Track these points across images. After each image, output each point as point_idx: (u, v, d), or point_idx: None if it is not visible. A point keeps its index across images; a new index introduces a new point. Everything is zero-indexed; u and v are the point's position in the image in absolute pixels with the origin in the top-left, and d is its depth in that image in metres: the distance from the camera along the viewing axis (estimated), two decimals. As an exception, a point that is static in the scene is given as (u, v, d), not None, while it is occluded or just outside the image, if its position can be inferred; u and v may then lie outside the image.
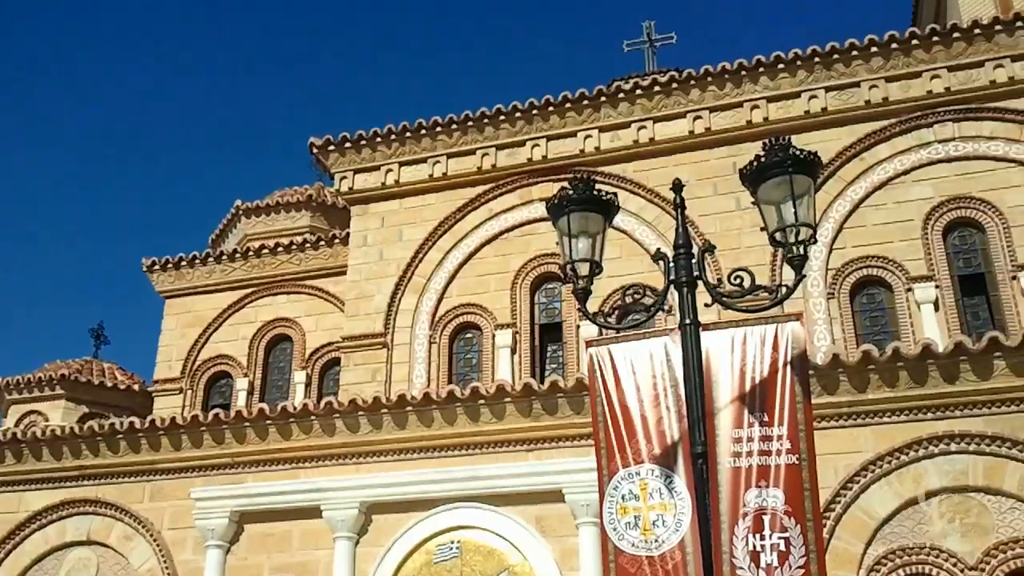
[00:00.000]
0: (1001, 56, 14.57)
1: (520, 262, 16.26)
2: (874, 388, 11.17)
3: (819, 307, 14.45)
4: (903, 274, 14.28)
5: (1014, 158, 14.28)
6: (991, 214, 14.18)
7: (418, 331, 16.32)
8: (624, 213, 15.68)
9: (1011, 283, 13.84)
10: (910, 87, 14.91)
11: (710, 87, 15.70)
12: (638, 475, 7.16)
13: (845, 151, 15.00)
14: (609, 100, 16.18)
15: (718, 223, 15.04)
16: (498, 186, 16.75)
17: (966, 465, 10.81)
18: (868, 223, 14.65)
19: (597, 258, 7.31)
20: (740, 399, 6.95)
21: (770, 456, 6.74)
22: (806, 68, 15.27)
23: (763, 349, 6.92)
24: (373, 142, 17.21)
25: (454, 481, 12.30)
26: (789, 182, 6.45)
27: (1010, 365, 10.74)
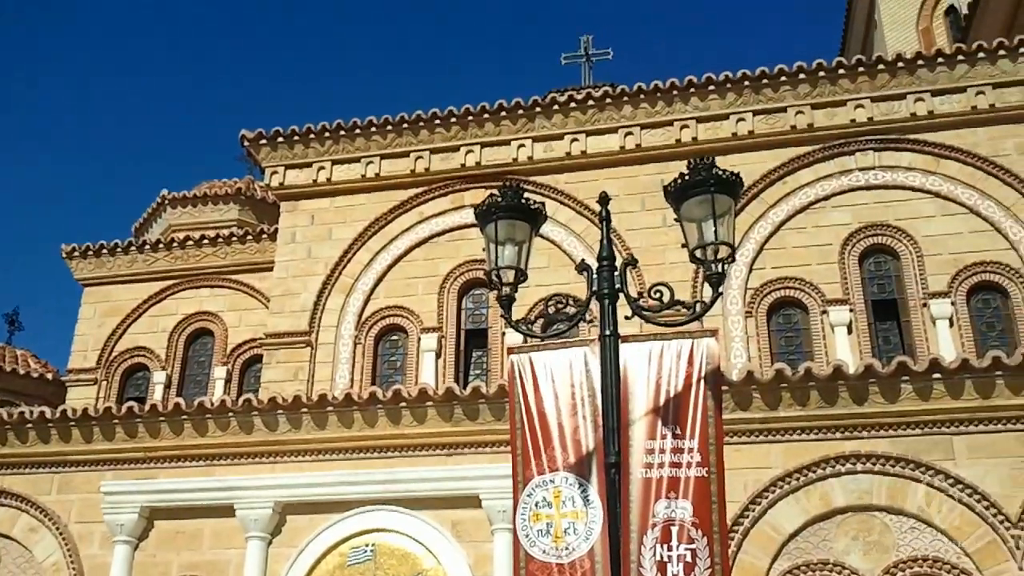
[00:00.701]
0: (922, 90, 15.03)
1: (449, 267, 16.25)
2: (786, 406, 11.41)
3: (737, 325, 14.72)
4: (819, 296, 14.63)
5: (929, 189, 14.75)
6: (906, 242, 14.62)
7: (343, 331, 16.18)
8: (554, 224, 15.83)
9: (922, 310, 14.28)
10: (835, 115, 15.30)
11: (642, 104, 15.91)
12: (552, 483, 7.20)
13: (769, 174, 15.32)
14: (544, 111, 16.29)
15: (644, 238, 15.24)
16: (430, 190, 16.72)
17: (871, 485, 11.09)
18: (788, 245, 14.98)
19: (523, 266, 7.35)
20: (654, 411, 7.04)
21: (681, 468, 6.84)
22: (735, 91, 15.57)
23: (679, 363, 7.03)
24: (306, 139, 17.04)
25: (372, 483, 12.21)
26: (711, 201, 6.58)
27: (916, 389, 11.07)
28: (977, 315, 14.24)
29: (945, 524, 10.80)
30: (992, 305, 14.30)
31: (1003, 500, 10.69)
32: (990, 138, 14.70)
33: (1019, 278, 14.01)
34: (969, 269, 14.24)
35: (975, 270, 14.23)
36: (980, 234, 14.34)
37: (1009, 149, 14.58)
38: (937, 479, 10.91)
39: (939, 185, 14.71)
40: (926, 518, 10.87)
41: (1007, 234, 14.23)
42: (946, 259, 14.31)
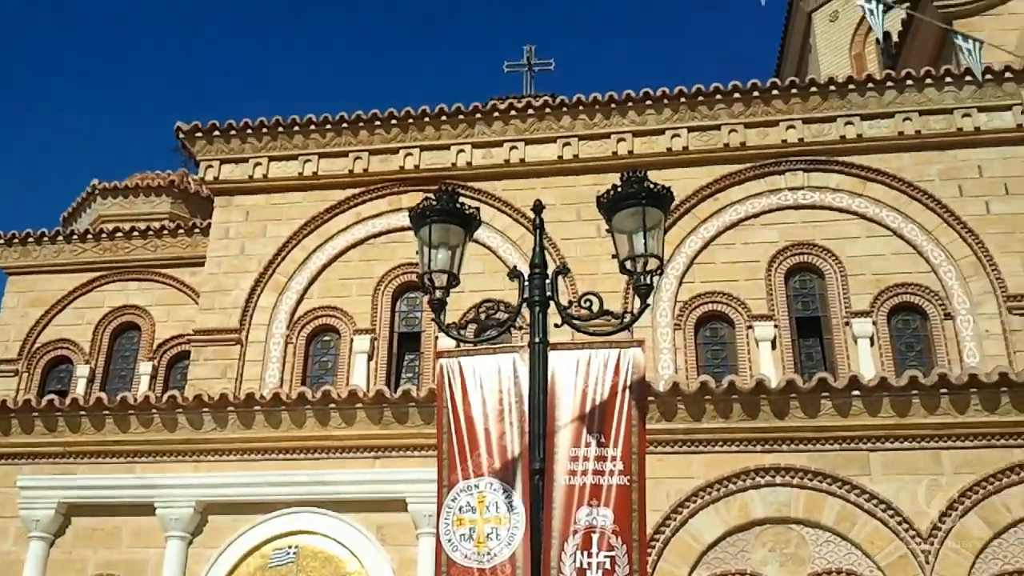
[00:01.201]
0: (852, 113, 15.38)
1: (384, 269, 16.16)
2: (709, 418, 11.59)
3: (666, 337, 14.90)
4: (745, 312, 14.88)
5: (856, 211, 15.10)
6: (831, 262, 14.94)
7: (275, 330, 15.98)
8: (490, 230, 15.85)
9: (844, 328, 14.60)
10: (767, 134, 15.59)
11: (580, 116, 16.03)
12: (477, 488, 7.20)
13: (702, 190, 15.53)
14: (484, 117, 16.31)
15: (578, 248, 15.35)
16: (369, 191, 16.61)
17: (789, 497, 11.32)
18: (717, 260, 15.21)
19: (455, 271, 7.34)
20: (580, 419, 7.09)
21: (603, 476, 6.89)
22: (671, 107, 15.78)
23: (605, 372, 7.09)
24: (243, 133, 16.81)
25: (297, 485, 12.09)
26: (642, 214, 6.66)
27: (835, 405, 11.33)
28: (897, 335, 14.61)
29: (859, 538, 11.06)
30: (912, 326, 14.68)
31: (915, 516, 10.99)
32: (915, 163, 15.11)
33: (938, 300, 14.41)
34: (891, 290, 14.60)
35: (896, 291, 14.60)
36: (902, 256, 14.72)
37: (933, 175, 15.00)
38: (853, 494, 11.17)
39: (865, 207, 15.08)
40: (841, 532, 11.12)
41: (928, 257, 14.63)
42: (869, 279, 14.67)
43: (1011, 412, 11.02)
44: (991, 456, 11.06)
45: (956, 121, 15.10)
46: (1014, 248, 14.34)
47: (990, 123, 15.05)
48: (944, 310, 14.34)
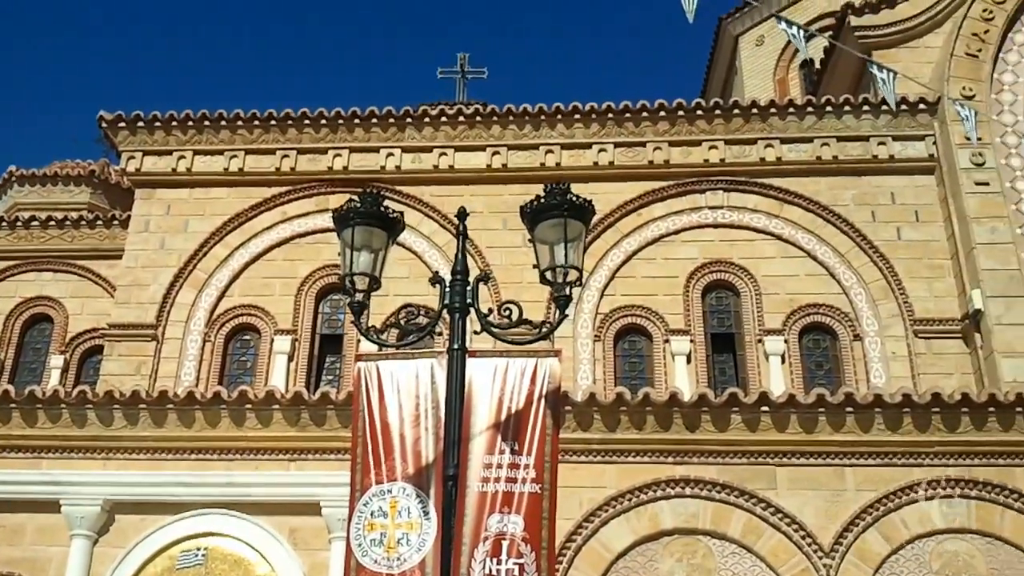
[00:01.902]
0: (772, 136, 15.72)
1: (309, 269, 15.96)
2: (624, 429, 11.69)
3: (586, 347, 15.01)
4: (663, 326, 15.08)
5: (772, 231, 15.43)
6: (746, 280, 15.24)
7: (192, 327, 15.65)
8: (417, 235, 15.79)
9: (757, 346, 14.89)
10: (690, 153, 15.83)
11: (510, 126, 16.08)
12: (390, 492, 7.17)
13: (626, 204, 15.70)
14: (415, 122, 16.25)
15: (504, 256, 15.40)
16: (295, 190, 16.39)
17: (697, 509, 11.46)
18: (638, 275, 15.39)
19: (377, 274, 7.30)
20: (495, 426, 7.11)
21: (516, 484, 6.92)
22: (599, 122, 15.93)
23: (522, 381, 7.13)
24: (168, 126, 16.44)
25: (209, 486, 11.83)
26: (563, 225, 6.72)
27: (745, 420, 11.54)
28: (807, 354, 14.96)
29: (764, 551, 11.26)
30: (822, 345, 15.05)
31: (818, 531, 11.23)
32: (831, 188, 15.50)
33: (848, 321, 14.80)
34: (803, 310, 14.95)
35: (808, 311, 14.95)
36: (815, 277, 15.08)
37: (847, 200, 15.41)
38: (759, 507, 11.37)
39: (781, 228, 15.42)
40: (747, 544, 11.30)
41: (840, 279, 15.02)
42: (783, 299, 14.99)
43: (912, 432, 11.35)
44: (892, 474, 11.37)
45: (872, 148, 15.55)
46: (922, 274, 14.81)
47: (904, 152, 15.53)
48: (853, 331, 14.73)
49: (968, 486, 11.26)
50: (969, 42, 15.73)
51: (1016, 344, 13.61)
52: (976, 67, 15.57)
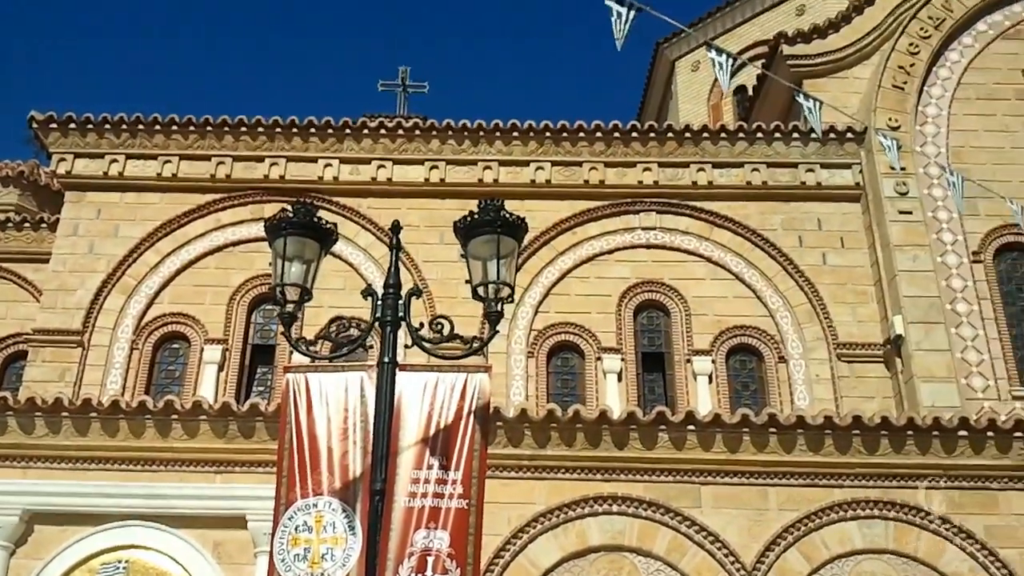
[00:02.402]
0: (704, 161, 15.95)
1: (242, 278, 15.70)
2: (554, 445, 11.70)
3: (519, 363, 15.01)
4: (595, 344, 15.15)
5: (702, 253, 15.63)
6: (677, 301, 15.41)
7: (120, 334, 15.26)
8: (353, 247, 15.66)
9: (686, 365, 15.05)
10: (625, 175, 15.98)
11: (449, 141, 16.07)
12: (315, 507, 7.06)
13: (561, 223, 15.78)
14: (353, 134, 16.13)
15: (440, 270, 15.33)
16: (230, 198, 16.13)
17: (624, 526, 11.50)
18: (572, 292, 15.45)
19: (309, 285, 7.20)
20: (424, 441, 7.05)
21: (443, 499, 6.87)
22: (537, 141, 16.00)
23: (452, 396, 7.09)
24: (101, 128, 16.06)
25: (132, 497, 11.53)
26: (496, 242, 6.71)
27: (672, 438, 11.63)
28: (734, 374, 15.15)
29: (688, 568, 11.33)
30: (748, 366, 15.26)
31: (741, 549, 11.34)
32: (760, 212, 15.77)
33: (774, 344, 15.04)
34: (731, 331, 15.15)
35: (736, 333, 15.16)
36: (743, 300, 15.31)
37: (775, 224, 15.69)
38: (684, 525, 11.45)
39: (711, 251, 15.63)
40: (671, 561, 11.37)
41: (767, 302, 15.27)
42: (711, 320, 15.18)
43: (834, 454, 11.56)
44: (813, 494, 11.54)
45: (800, 175, 15.88)
46: (846, 299, 15.12)
47: (831, 179, 15.88)
48: (779, 353, 14.97)
49: (887, 507, 11.48)
50: (895, 75, 16.18)
51: (935, 369, 13.97)
52: (902, 99, 16.01)
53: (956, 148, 15.83)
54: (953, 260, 14.92)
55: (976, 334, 14.40)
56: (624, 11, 7.46)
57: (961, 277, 14.81)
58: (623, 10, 7.44)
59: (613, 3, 7.39)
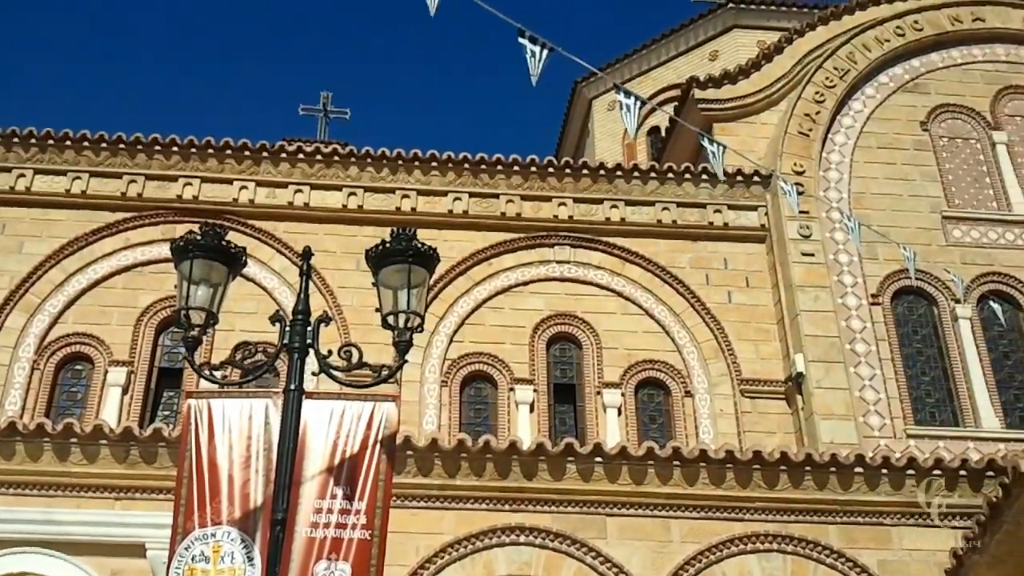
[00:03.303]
0: (618, 198, 16.14)
1: (150, 299, 15.23)
2: (463, 475, 11.57)
3: (433, 392, 14.88)
4: (508, 374, 15.11)
5: (614, 288, 15.77)
6: (589, 334, 15.49)
7: (21, 354, 14.62)
8: (268, 270, 15.38)
9: (596, 397, 15.11)
10: (540, 208, 16.07)
11: (368, 168, 15.95)
12: (214, 536, 6.80)
13: (478, 253, 15.77)
14: (271, 157, 15.90)
15: (355, 297, 15.13)
16: (141, 217, 15.69)
17: (531, 557, 11.40)
18: (486, 323, 15.42)
19: (215, 309, 6.99)
20: (328, 470, 6.88)
21: (345, 529, 6.70)
22: (455, 171, 16.01)
23: (358, 425, 6.94)
24: (8, 142, 15.49)
25: (27, 523, 10.97)
26: (407, 271, 6.64)
27: (579, 470, 11.61)
28: (642, 407, 15.27)
29: (593, 598, 11.29)
30: (656, 400, 15.40)
31: (644, 580, 11.36)
32: (669, 250, 16.01)
33: (680, 378, 15.21)
34: (640, 365, 15.28)
35: (644, 367, 15.29)
36: (652, 335, 15.47)
37: (684, 263, 15.94)
38: (590, 556, 11.40)
39: (622, 286, 15.79)
40: (577, 592, 11.31)
41: (675, 337, 15.46)
42: (621, 353, 15.29)
43: (735, 487, 11.68)
44: (715, 527, 11.63)
45: (708, 215, 16.19)
46: (749, 336, 15.41)
47: (738, 220, 16.23)
48: (685, 387, 15.15)
49: (785, 541, 11.63)
50: (802, 121, 16.68)
51: (834, 407, 14.30)
52: (807, 145, 16.50)
53: (857, 194, 16.36)
54: (853, 302, 15.36)
55: (874, 374, 14.80)
56: (538, 50, 7.51)
57: (860, 318, 15.25)
58: (536, 49, 7.49)
59: (527, 41, 7.43)
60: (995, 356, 15.46)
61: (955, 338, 15.43)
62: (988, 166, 17.04)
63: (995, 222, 16.36)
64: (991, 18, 18.20)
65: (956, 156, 17.10)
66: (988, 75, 17.86)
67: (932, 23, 18.00)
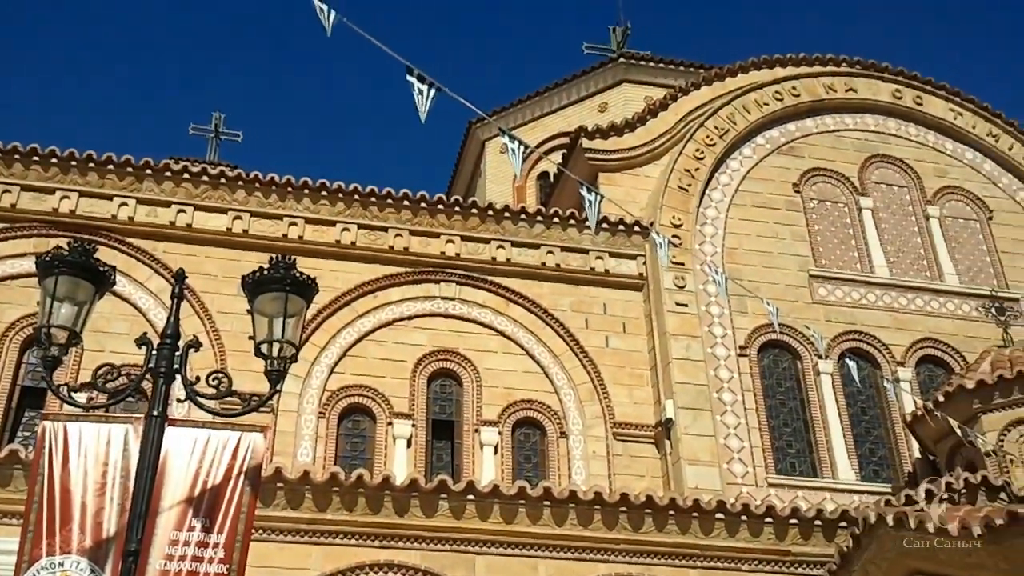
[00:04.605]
0: (505, 239, 16.17)
1: (17, 314, 14.41)
2: (334, 509, 11.30)
3: (310, 424, 14.51)
4: (388, 408, 14.86)
5: (497, 327, 15.74)
6: (470, 371, 15.40)
7: None
8: (143, 291, 14.82)
9: (474, 435, 15.00)
10: (429, 244, 15.99)
11: (256, 193, 15.58)
12: (61, 566, 6.43)
13: (364, 285, 15.52)
14: (154, 174, 15.36)
15: (235, 323, 14.66)
16: (13, 228, 14.91)
17: (397, 593, 11.20)
18: (369, 355, 15.16)
19: (79, 328, 6.66)
20: (188, 501, 6.59)
21: (202, 563, 6.43)
22: (345, 202, 15.80)
23: (223, 455, 6.69)
24: None
25: None
26: (284, 299, 6.47)
27: (452, 507, 11.48)
28: (519, 447, 15.23)
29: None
30: (532, 439, 15.39)
31: (506, 621, 11.25)
32: (552, 293, 16.12)
33: (556, 419, 15.25)
34: (518, 404, 15.25)
35: (523, 406, 15.27)
36: (532, 375, 15.49)
37: (565, 306, 16.07)
38: (457, 593, 11.25)
39: (505, 325, 15.78)
40: (442, 630, 11.12)
41: (553, 379, 15.51)
42: (501, 392, 15.25)
43: (601, 529, 11.74)
44: (581, 568, 11.64)
45: (590, 261, 16.40)
46: (624, 381, 15.59)
47: (618, 268, 16.49)
48: (561, 429, 15.19)
49: (649, 584, 11.72)
50: (682, 176, 17.13)
51: (700, 453, 14.57)
52: (686, 199, 16.94)
53: (730, 249, 16.87)
54: (722, 352, 15.76)
55: (739, 422, 15.17)
56: (425, 88, 7.50)
57: (728, 368, 15.64)
58: (424, 87, 7.48)
59: (414, 80, 7.41)
60: (853, 411, 16.08)
61: (816, 392, 15.99)
62: (854, 229, 17.84)
63: (858, 283, 17.11)
64: (863, 89, 19.18)
65: (825, 218, 17.87)
66: (858, 143, 18.78)
67: (808, 90, 18.84)
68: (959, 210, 18.59)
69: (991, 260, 18.01)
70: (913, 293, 17.16)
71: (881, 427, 16.09)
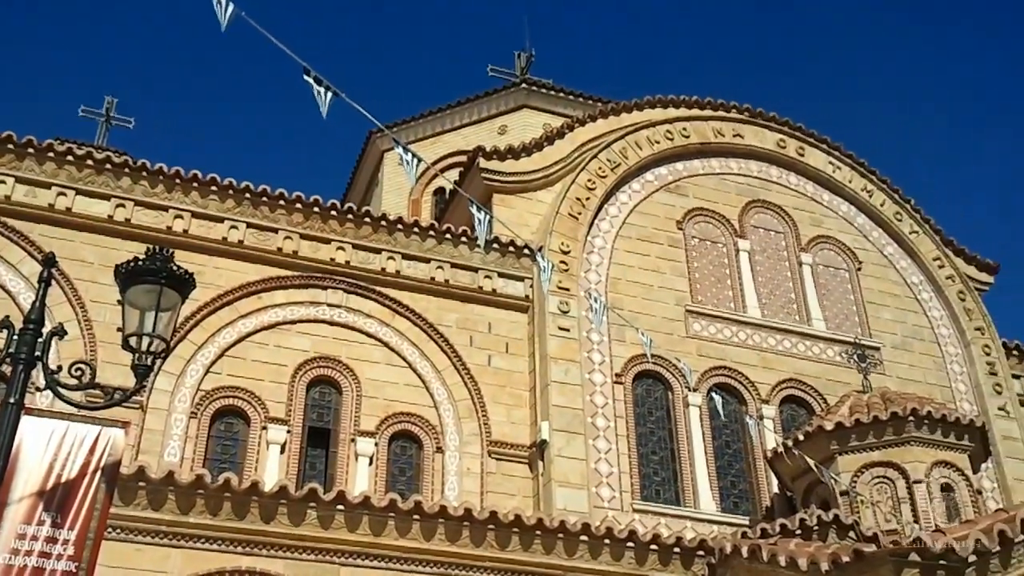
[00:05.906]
0: (395, 251, 16.01)
1: None
2: (198, 512, 10.90)
3: (180, 423, 14.00)
4: (263, 412, 14.47)
5: (381, 338, 15.55)
6: (351, 380, 15.15)
7: None
8: (15, 273, 14.15)
9: (350, 444, 14.74)
10: (319, 249, 15.70)
11: (142, 182, 15.02)
12: None
13: (248, 285, 15.11)
14: (37, 154, 14.64)
15: (110, 314, 14.01)
16: None
17: (256, 603, 10.85)
18: (248, 357, 14.74)
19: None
20: (40, 494, 6.25)
21: (50, 559, 6.11)
22: (235, 199, 15.38)
23: (80, 449, 6.38)
24: None
25: None
26: (158, 293, 6.22)
27: (320, 516, 11.22)
28: (394, 459, 15.04)
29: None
30: (408, 452, 15.22)
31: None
32: (439, 308, 16.03)
33: (434, 433, 15.13)
34: (396, 416, 15.07)
35: (401, 419, 15.10)
36: (412, 388, 15.34)
37: (451, 322, 16.01)
38: (316, 605, 10.97)
39: (390, 337, 15.60)
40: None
41: (434, 394, 15.40)
42: (380, 403, 15.05)
43: (468, 545, 11.66)
44: (449, 584, 11.54)
45: (479, 280, 16.41)
46: (503, 400, 15.62)
47: (506, 288, 16.55)
48: (437, 443, 15.08)
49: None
50: (573, 204, 17.35)
51: (571, 475, 14.69)
52: (575, 227, 17.16)
53: (614, 279, 17.16)
54: (599, 378, 15.97)
55: (610, 448, 15.38)
56: (323, 91, 7.39)
57: (604, 395, 15.86)
58: (321, 90, 7.38)
59: (311, 80, 7.30)
60: (718, 444, 16.52)
61: (685, 423, 16.37)
62: (731, 269, 18.41)
63: (731, 321, 17.64)
64: (750, 136, 19.88)
65: (704, 256, 18.38)
66: (740, 187, 19.42)
67: (698, 132, 19.40)
68: (830, 259, 19.41)
69: (856, 309, 18.85)
70: (782, 335, 17.79)
71: (743, 461, 16.57)
